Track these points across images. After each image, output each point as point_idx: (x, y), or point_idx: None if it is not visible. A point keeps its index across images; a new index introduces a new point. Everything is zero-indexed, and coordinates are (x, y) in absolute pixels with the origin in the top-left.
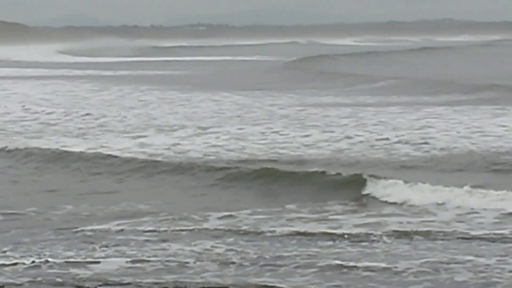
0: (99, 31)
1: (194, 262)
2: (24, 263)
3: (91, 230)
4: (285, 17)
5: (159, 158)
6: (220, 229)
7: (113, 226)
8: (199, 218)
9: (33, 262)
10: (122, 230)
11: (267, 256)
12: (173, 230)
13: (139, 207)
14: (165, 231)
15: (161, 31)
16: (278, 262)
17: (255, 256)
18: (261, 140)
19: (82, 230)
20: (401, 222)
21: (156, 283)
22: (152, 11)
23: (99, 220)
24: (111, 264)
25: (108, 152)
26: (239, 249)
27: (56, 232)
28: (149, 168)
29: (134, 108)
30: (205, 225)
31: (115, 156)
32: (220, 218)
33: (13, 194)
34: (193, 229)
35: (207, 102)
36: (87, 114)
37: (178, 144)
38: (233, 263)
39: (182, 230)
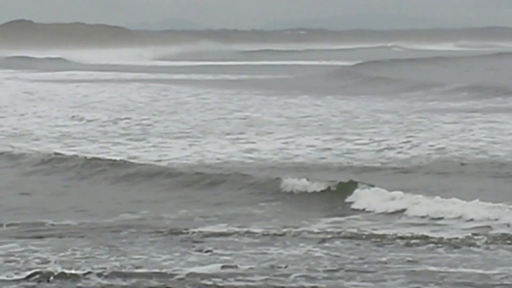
0: (198, 34)
1: (285, 267)
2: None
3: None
4: (386, 21)
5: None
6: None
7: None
8: (305, 222)
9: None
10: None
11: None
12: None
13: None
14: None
15: (261, 35)
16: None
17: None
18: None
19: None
20: None
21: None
22: (253, 15)
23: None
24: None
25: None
26: (336, 253)
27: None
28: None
29: (236, 111)
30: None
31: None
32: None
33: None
34: (297, 233)
35: (311, 107)
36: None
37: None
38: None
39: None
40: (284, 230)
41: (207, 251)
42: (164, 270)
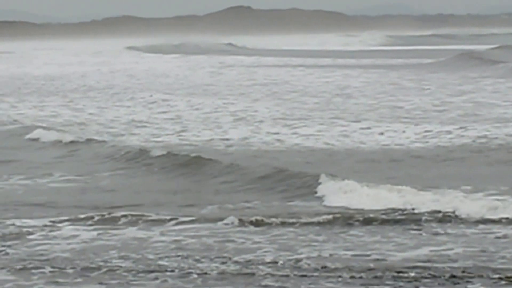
0: (414, 19)
1: None
2: None
3: None
4: None
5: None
6: None
7: None
8: None
9: None
10: None
11: None
12: None
13: None
14: None
15: (477, 19)
16: None
17: None
18: None
19: None
20: None
21: None
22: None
23: None
24: None
25: None
26: None
27: None
28: None
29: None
30: None
31: None
32: None
33: None
34: None
35: None
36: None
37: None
38: None
39: None
40: None
41: None
42: None
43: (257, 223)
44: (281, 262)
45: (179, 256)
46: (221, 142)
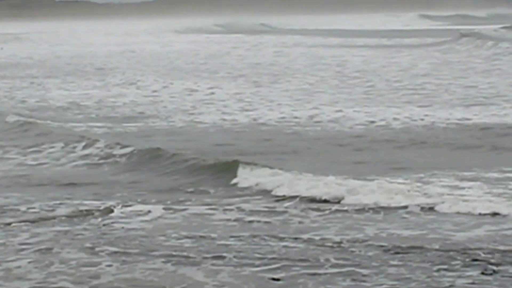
0: None
1: None
2: None
3: None
4: None
5: None
6: None
7: None
8: None
9: None
10: None
11: None
12: None
13: None
14: None
15: None
16: None
17: None
18: None
19: None
20: None
21: None
22: None
23: None
24: None
25: None
26: None
27: None
28: None
29: None
30: None
31: None
32: None
33: None
34: None
35: None
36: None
37: None
38: None
39: None
40: None
41: None
42: None
43: None
44: None
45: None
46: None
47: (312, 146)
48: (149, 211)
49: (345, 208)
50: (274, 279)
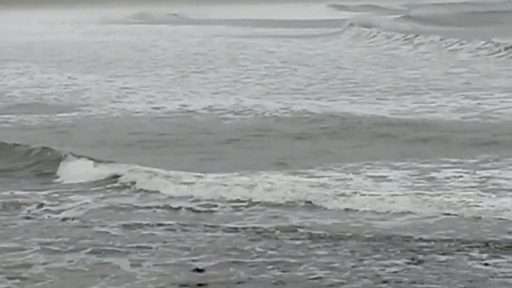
0: None
1: None
2: None
3: None
4: None
5: None
6: None
7: None
8: None
9: None
10: None
11: None
12: None
13: None
14: None
15: None
16: None
17: None
18: None
19: None
20: None
21: None
22: None
23: None
24: None
25: None
26: None
27: None
28: None
29: None
30: None
31: None
32: None
33: None
34: None
35: None
36: None
37: None
38: None
39: None
40: None
41: None
42: None
43: None
44: None
45: None
46: None
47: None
48: None
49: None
50: (198, 270)
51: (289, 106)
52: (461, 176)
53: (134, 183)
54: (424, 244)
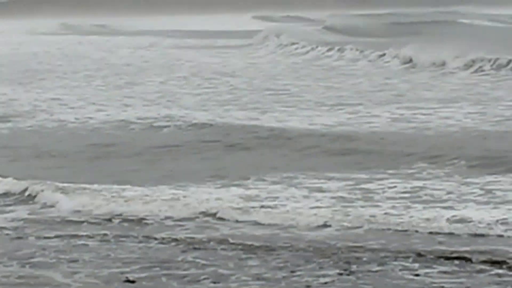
0: None
1: None
2: None
3: None
4: None
5: None
6: None
7: None
8: None
9: None
10: None
11: None
12: None
13: None
14: None
15: None
16: None
17: None
18: None
19: None
20: None
21: None
22: None
23: None
24: None
25: None
26: None
27: None
28: None
29: None
30: None
31: None
32: None
33: None
34: None
35: None
36: None
37: None
38: None
39: None
40: None
41: None
42: None
43: None
44: None
45: None
46: None
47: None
48: None
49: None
50: (129, 281)
51: (222, 117)
52: (394, 187)
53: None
54: (356, 255)
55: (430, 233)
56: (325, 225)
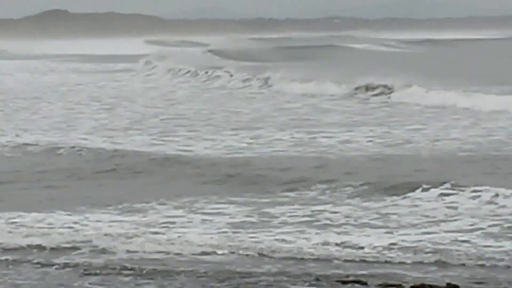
0: (233, 23)
1: None
2: None
3: None
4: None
5: None
6: None
7: None
8: None
9: None
10: None
11: None
12: None
13: None
14: None
15: (297, 24)
16: None
17: None
18: None
19: None
20: None
21: None
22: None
23: None
24: None
25: None
26: None
27: None
28: None
29: None
30: None
31: None
32: None
33: None
34: None
35: None
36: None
37: None
38: None
39: None
40: None
41: None
42: None
43: None
44: None
45: None
46: None
47: None
48: None
49: None
50: None
51: (121, 142)
52: (293, 211)
53: None
54: (253, 279)
55: (327, 256)
56: (220, 250)
